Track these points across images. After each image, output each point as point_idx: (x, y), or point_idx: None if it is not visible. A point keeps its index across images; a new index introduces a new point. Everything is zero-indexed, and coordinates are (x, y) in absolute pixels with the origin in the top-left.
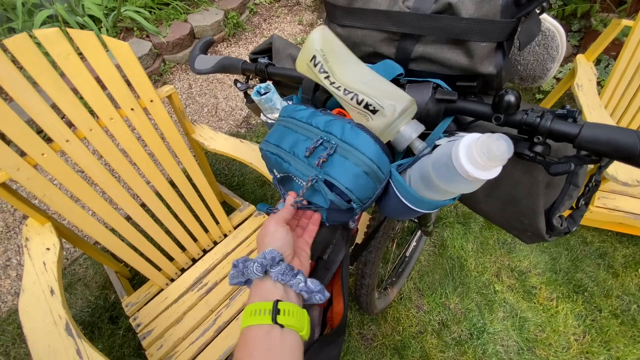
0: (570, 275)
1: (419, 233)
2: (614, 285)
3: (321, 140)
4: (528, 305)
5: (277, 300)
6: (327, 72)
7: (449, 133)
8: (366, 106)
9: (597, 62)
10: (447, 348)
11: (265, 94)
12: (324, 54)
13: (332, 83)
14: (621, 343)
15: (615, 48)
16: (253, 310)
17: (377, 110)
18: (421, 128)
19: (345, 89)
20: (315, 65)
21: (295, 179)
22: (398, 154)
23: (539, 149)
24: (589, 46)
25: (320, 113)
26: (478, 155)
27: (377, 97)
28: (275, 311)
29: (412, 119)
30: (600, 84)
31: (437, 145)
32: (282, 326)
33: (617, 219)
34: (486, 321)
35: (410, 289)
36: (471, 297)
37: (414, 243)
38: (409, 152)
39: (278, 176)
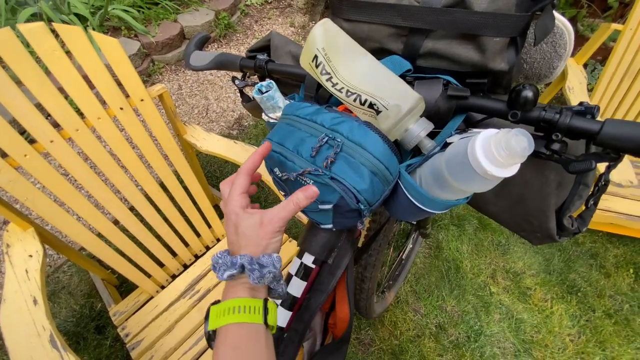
0: (563, 276)
1: (415, 235)
2: (606, 285)
3: (326, 139)
4: (523, 307)
5: (266, 299)
6: (329, 74)
7: (460, 130)
8: (370, 106)
9: (584, 66)
10: (445, 351)
11: (266, 92)
12: (326, 52)
13: (334, 85)
14: (615, 343)
15: (600, 52)
16: (244, 306)
17: (381, 111)
18: (430, 126)
19: (347, 90)
20: (317, 67)
21: (299, 178)
22: (406, 154)
23: (556, 146)
24: (576, 50)
25: (326, 110)
26: (497, 152)
27: (381, 97)
28: (265, 311)
29: (421, 117)
30: (587, 88)
31: (449, 144)
32: (267, 326)
33: (609, 219)
34: (483, 323)
35: (407, 292)
36: (467, 300)
37: (410, 245)
38: (417, 151)
39: (280, 175)
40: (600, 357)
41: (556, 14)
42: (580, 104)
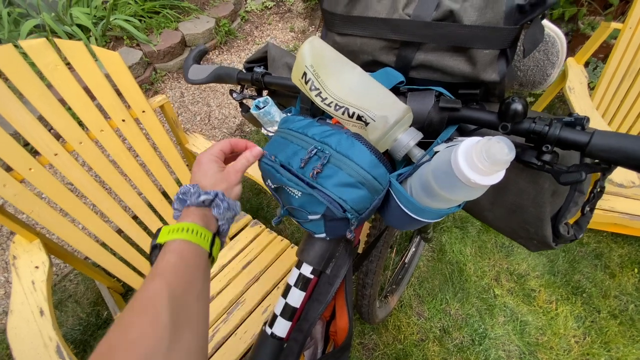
0: (568, 277)
1: (417, 239)
2: (611, 285)
3: (315, 150)
4: (528, 309)
5: (215, 234)
6: (318, 89)
7: (447, 139)
8: (359, 118)
9: (586, 64)
10: (450, 355)
11: (263, 107)
12: (314, 69)
13: (323, 100)
14: (621, 343)
15: (602, 50)
16: (196, 230)
17: (369, 123)
18: (419, 136)
19: (336, 104)
20: (306, 83)
21: (288, 189)
22: (398, 164)
23: (547, 157)
24: (577, 49)
25: (317, 123)
26: (478, 160)
27: (369, 109)
28: (212, 242)
29: (411, 127)
30: (589, 86)
31: (436, 152)
32: (210, 256)
33: (612, 219)
34: (487, 326)
35: (411, 295)
36: (471, 302)
37: (412, 249)
38: (410, 161)
39: (272, 186)
40: (606, 357)
41: (548, 23)
42: (570, 115)
